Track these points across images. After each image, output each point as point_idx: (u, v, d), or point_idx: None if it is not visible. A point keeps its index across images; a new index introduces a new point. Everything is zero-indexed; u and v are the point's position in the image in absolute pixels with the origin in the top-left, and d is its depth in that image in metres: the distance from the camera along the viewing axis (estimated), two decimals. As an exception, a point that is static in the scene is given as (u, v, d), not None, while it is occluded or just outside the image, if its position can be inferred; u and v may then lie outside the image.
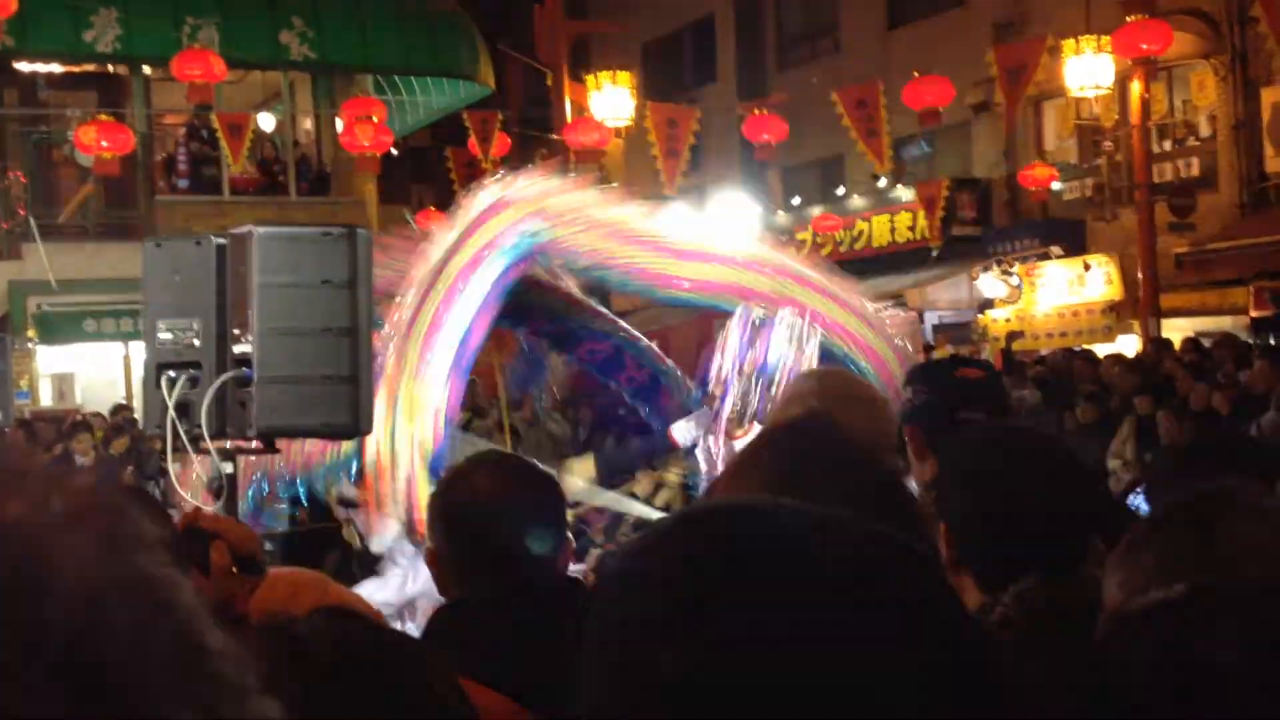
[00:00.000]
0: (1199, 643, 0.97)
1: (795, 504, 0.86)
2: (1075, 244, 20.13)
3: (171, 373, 3.39)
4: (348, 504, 9.08)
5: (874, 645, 0.77)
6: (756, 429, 7.47)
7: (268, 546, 2.46)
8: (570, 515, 8.25)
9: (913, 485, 2.57)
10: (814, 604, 0.78)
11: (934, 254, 20.77)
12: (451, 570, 2.23)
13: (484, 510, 2.21)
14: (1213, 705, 0.95)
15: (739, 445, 7.54)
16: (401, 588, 8.28)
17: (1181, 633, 0.98)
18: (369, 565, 10.73)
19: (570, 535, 2.35)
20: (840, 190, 24.08)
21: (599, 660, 0.83)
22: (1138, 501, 2.48)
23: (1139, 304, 17.79)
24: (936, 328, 21.95)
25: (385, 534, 7.94)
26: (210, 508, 3.18)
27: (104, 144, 16.87)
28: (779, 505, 0.86)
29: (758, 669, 0.76)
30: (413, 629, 9.33)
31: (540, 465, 2.45)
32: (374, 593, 7.00)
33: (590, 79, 19.81)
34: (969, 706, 0.78)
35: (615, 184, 21.93)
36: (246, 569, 2.22)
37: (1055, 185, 19.53)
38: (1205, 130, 19.20)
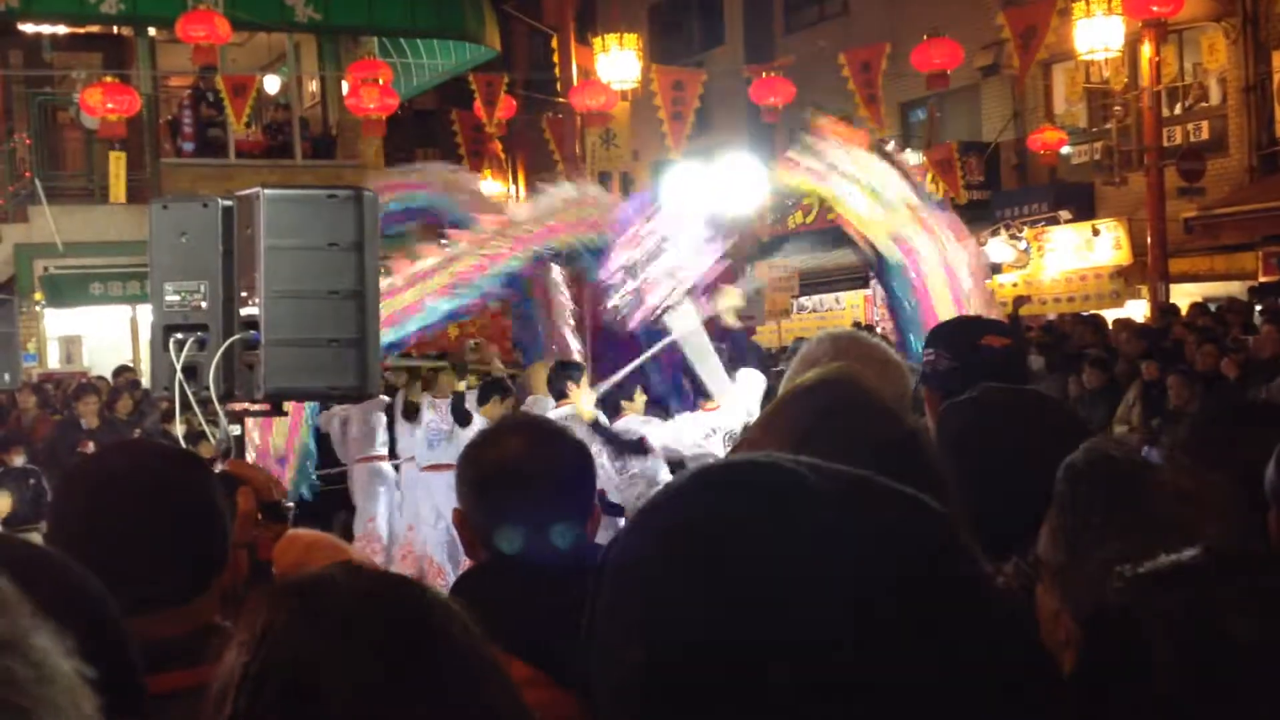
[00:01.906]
0: (1215, 609, 0.96)
1: (808, 460, 0.85)
2: (1084, 208, 20.05)
3: (179, 335, 3.38)
4: None
5: (894, 606, 0.77)
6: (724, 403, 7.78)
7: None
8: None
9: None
10: (831, 564, 0.78)
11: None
12: (478, 533, 2.22)
13: (511, 474, 2.20)
14: (1228, 679, 0.94)
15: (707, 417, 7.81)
16: None
17: (1198, 598, 0.97)
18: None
19: (598, 503, 2.34)
20: (847, 154, 23.97)
21: (613, 622, 0.82)
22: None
23: (1147, 269, 17.73)
24: (943, 292, 21.90)
25: None
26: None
27: (110, 106, 16.82)
28: (790, 462, 0.85)
29: (772, 629, 0.76)
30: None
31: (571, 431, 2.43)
32: None
33: (597, 41, 19.71)
34: (992, 673, 0.78)
35: (621, 147, 21.94)
36: (271, 515, 2.23)
37: (1064, 149, 19.44)
38: (1215, 94, 19.09)
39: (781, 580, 0.77)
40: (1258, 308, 14.64)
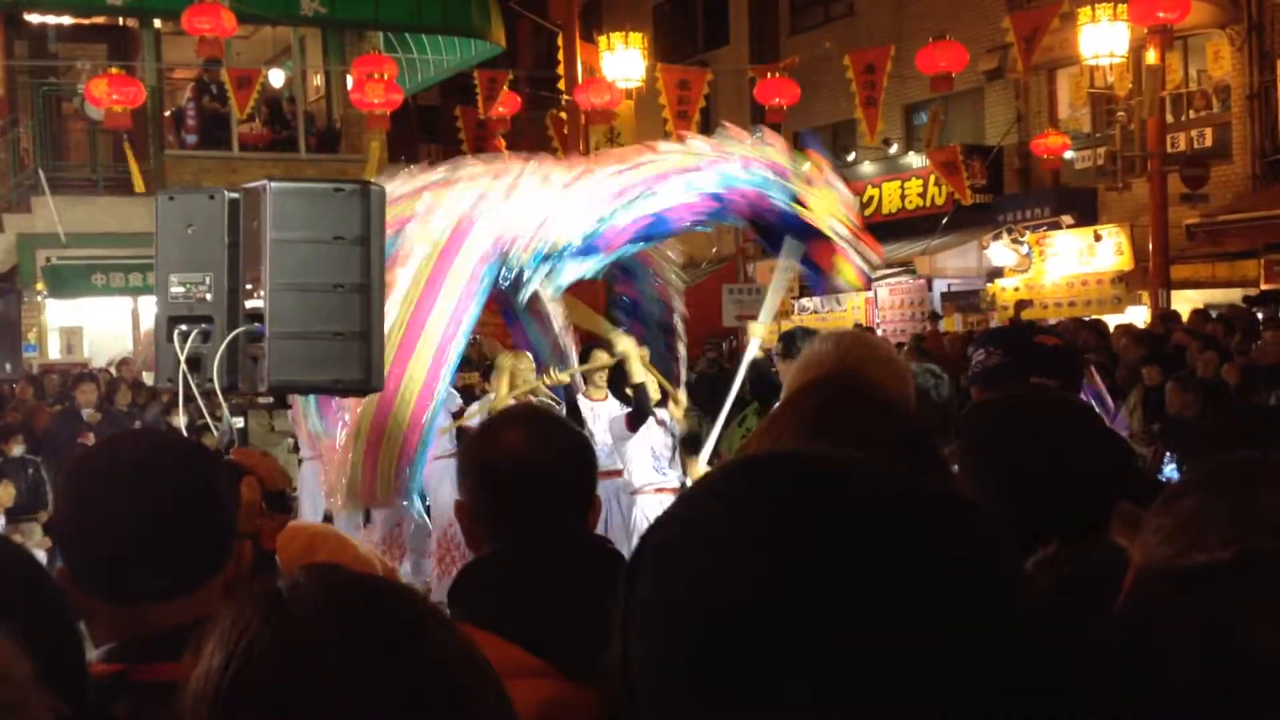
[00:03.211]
0: (1238, 614, 0.93)
1: (849, 453, 0.85)
2: (1086, 213, 20.06)
3: (183, 326, 3.38)
4: None
5: (935, 591, 0.77)
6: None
7: None
8: None
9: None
10: (876, 555, 0.78)
11: (944, 221, 20.73)
12: (480, 525, 2.23)
13: (513, 466, 2.21)
14: (1247, 683, 0.91)
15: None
16: None
17: (1220, 602, 0.95)
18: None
19: (599, 495, 2.35)
20: (851, 156, 23.99)
21: (655, 609, 0.82)
22: (1169, 472, 2.47)
23: (1149, 275, 17.74)
24: (945, 296, 21.90)
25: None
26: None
27: (115, 97, 16.82)
28: (842, 454, 0.85)
29: (830, 612, 0.76)
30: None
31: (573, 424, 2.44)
32: None
33: (602, 39, 19.70)
34: (1020, 654, 0.78)
35: (625, 145, 21.94)
36: (275, 505, 2.22)
37: (1067, 154, 19.44)
38: (1219, 101, 19.09)
39: (826, 574, 0.77)
40: (1259, 314, 14.65)
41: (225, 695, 0.99)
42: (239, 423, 3.41)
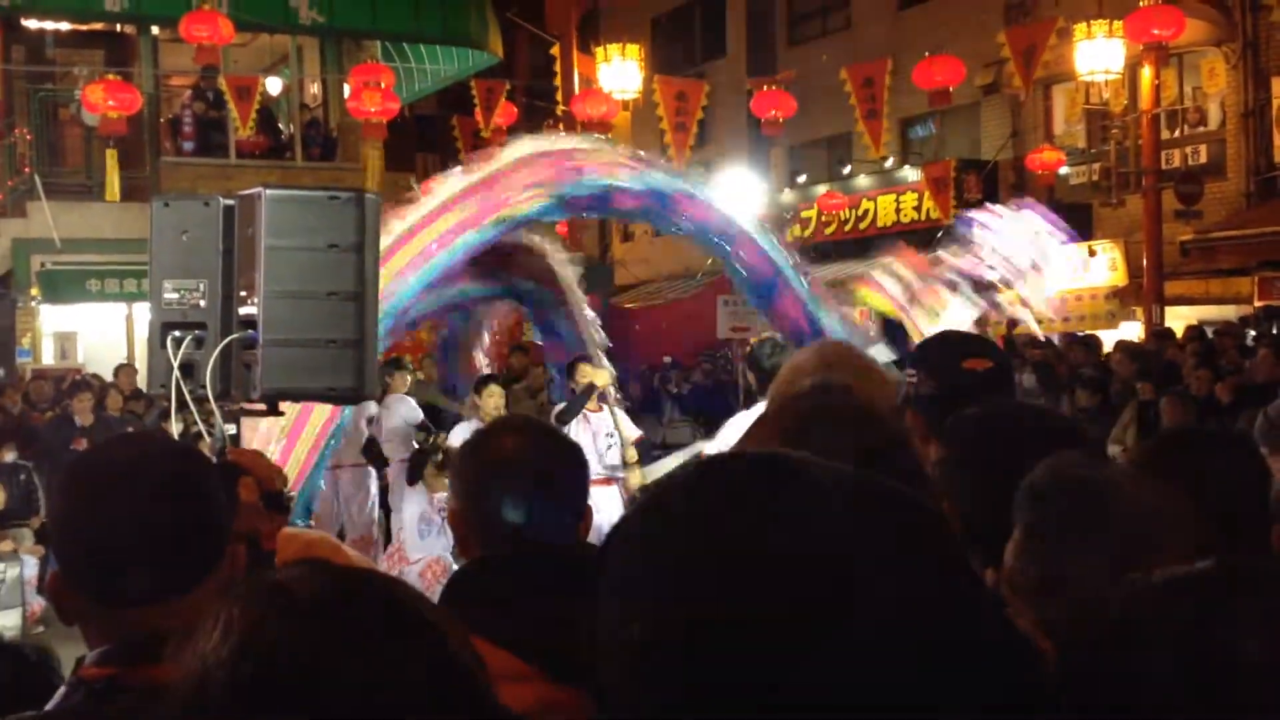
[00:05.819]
0: (1219, 622, 0.94)
1: (810, 456, 0.86)
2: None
3: (177, 332, 3.39)
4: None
5: (886, 597, 0.78)
6: None
7: None
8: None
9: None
10: (833, 556, 0.79)
11: (939, 235, 20.72)
12: (472, 530, 2.24)
13: (507, 472, 2.22)
14: (1230, 698, 0.92)
15: None
16: None
17: (1203, 610, 0.96)
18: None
19: (591, 503, 2.36)
20: (847, 169, 24.04)
21: (618, 602, 0.83)
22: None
23: (1143, 291, 17.77)
24: (939, 309, 21.91)
25: None
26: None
27: (111, 103, 16.82)
28: (793, 455, 0.86)
29: (782, 615, 0.77)
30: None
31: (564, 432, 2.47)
32: None
33: (599, 50, 19.75)
34: (984, 677, 0.79)
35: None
36: (273, 506, 2.23)
37: (1062, 170, 19.48)
38: (1214, 118, 19.15)
39: (781, 566, 0.78)
40: (1251, 332, 14.68)
41: (240, 685, 0.98)
42: (231, 429, 3.41)
